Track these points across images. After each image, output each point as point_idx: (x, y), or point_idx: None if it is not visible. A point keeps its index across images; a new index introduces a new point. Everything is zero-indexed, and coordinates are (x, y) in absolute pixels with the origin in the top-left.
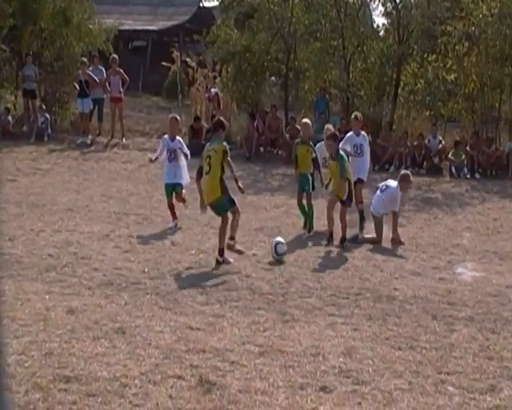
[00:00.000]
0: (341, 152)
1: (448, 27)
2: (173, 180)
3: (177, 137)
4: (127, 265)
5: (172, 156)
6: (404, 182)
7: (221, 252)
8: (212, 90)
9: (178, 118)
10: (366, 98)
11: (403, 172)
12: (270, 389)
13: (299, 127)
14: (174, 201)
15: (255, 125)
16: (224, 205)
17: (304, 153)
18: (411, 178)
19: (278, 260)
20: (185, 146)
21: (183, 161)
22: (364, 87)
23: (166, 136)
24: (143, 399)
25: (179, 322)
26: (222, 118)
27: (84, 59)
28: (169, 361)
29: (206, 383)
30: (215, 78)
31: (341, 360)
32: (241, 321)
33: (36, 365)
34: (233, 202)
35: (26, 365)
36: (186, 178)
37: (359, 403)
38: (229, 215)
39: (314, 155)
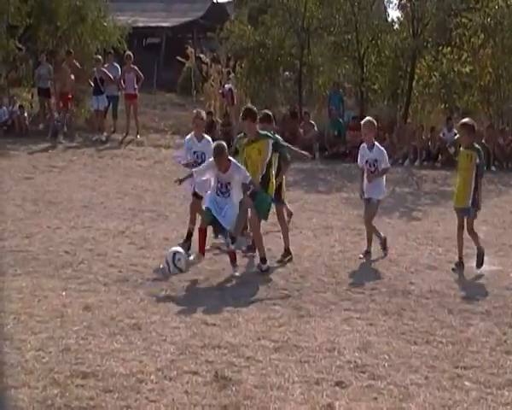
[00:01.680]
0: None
1: (463, 19)
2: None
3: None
4: (143, 261)
5: (224, 189)
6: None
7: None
8: (226, 85)
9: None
10: (380, 92)
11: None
12: (286, 384)
13: (312, 122)
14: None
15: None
16: None
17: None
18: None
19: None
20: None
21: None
22: (378, 81)
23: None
24: (159, 395)
25: (194, 318)
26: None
27: (99, 56)
28: (184, 357)
29: (221, 378)
30: (229, 73)
31: (357, 354)
32: (256, 316)
33: (53, 360)
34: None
35: (44, 360)
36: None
37: (375, 398)
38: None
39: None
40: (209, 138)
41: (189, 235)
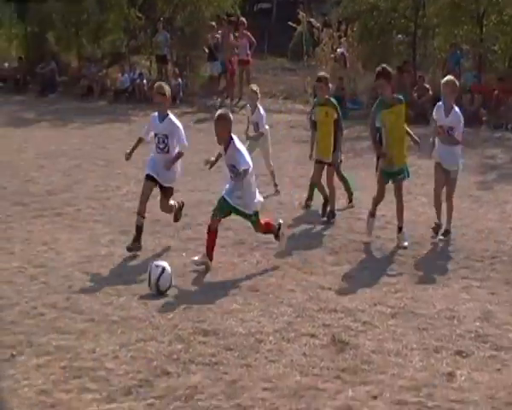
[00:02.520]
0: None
1: None
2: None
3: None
4: None
5: (234, 173)
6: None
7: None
8: (339, 50)
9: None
10: (501, 53)
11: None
12: (404, 350)
13: (427, 86)
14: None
15: None
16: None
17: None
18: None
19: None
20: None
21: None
22: (499, 42)
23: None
24: (278, 355)
25: (310, 281)
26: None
27: (213, 23)
28: (301, 320)
29: (338, 342)
30: (340, 38)
31: (478, 324)
32: (371, 282)
33: (177, 317)
34: None
35: (169, 317)
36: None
37: (499, 369)
38: None
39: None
40: (174, 118)
41: (139, 231)
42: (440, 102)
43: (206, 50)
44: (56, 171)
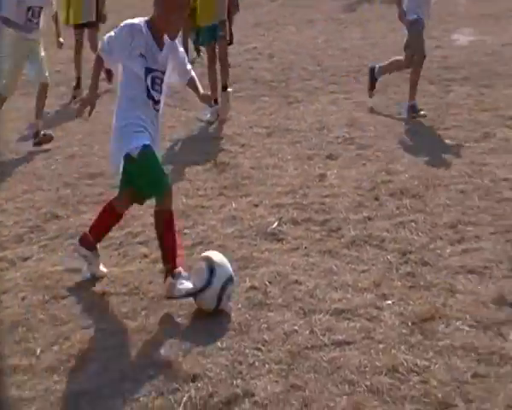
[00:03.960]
0: None
1: None
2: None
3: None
4: None
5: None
6: None
7: None
8: None
9: None
10: None
11: None
12: (280, 163)
13: None
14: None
15: None
16: None
17: None
18: None
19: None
20: None
21: None
22: None
23: None
24: None
25: (189, 117)
26: None
27: None
28: (183, 150)
29: (220, 164)
30: None
31: (345, 130)
32: (246, 109)
33: (60, 167)
34: None
35: (53, 167)
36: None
37: (364, 164)
38: None
39: None
40: None
41: None
42: None
43: None
44: None
